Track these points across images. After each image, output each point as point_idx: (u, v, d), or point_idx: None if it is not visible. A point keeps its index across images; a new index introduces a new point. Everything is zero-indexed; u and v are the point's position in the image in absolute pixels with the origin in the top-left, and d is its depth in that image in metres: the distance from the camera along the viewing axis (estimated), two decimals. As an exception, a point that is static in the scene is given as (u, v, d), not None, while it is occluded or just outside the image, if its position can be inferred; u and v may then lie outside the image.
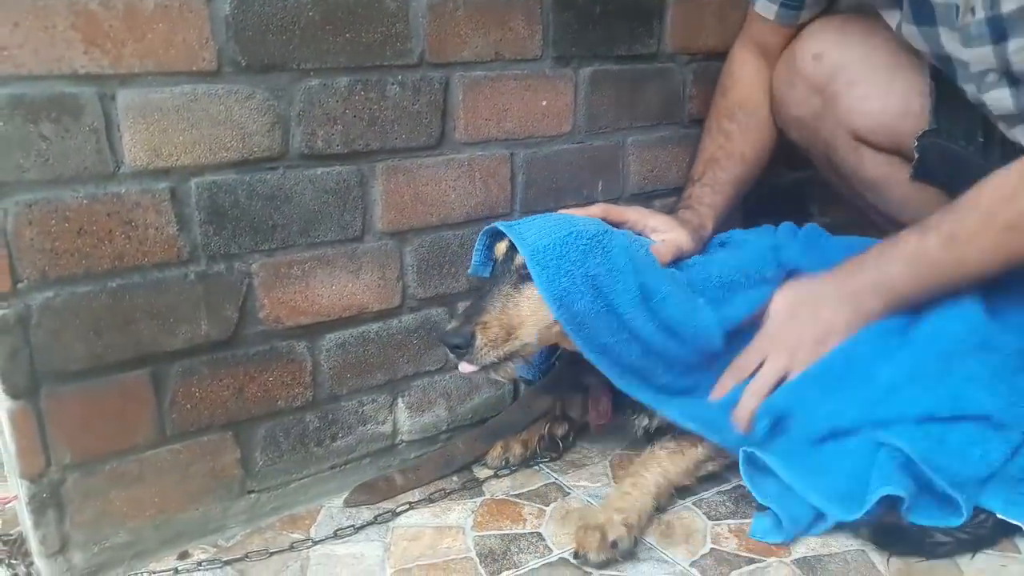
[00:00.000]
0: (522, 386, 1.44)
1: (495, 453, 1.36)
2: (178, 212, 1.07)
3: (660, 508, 1.20)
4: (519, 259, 1.18)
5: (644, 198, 1.52)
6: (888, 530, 1.13)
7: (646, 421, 1.34)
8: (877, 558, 1.11)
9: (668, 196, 1.56)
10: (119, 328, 1.05)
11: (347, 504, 1.27)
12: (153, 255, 1.06)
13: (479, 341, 1.14)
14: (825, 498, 1.14)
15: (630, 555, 1.12)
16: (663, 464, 1.22)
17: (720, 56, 1.54)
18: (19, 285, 0.98)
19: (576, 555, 1.10)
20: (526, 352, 1.20)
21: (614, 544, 1.09)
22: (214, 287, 1.11)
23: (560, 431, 1.41)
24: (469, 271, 1.31)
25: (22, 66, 0.94)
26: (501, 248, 1.24)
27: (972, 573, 1.09)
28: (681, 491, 1.25)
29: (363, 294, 1.25)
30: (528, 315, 1.18)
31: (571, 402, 1.41)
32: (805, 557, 1.12)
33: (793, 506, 1.16)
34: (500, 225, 1.21)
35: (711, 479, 1.30)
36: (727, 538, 1.17)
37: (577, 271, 1.15)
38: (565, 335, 1.20)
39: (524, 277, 1.18)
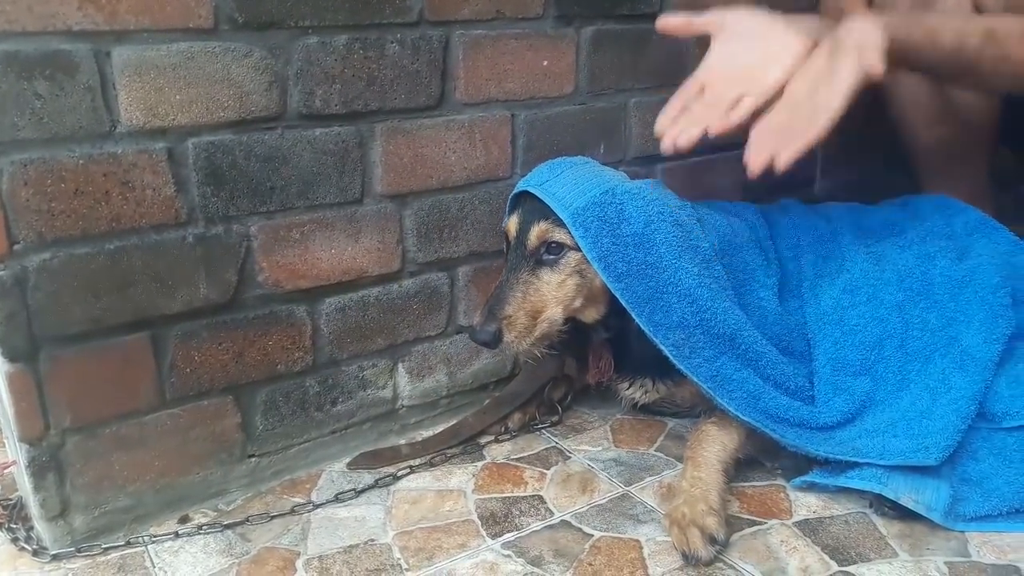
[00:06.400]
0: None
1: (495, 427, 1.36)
2: (175, 173, 1.05)
3: (730, 480, 1.17)
4: (532, 242, 1.19)
5: (647, 161, 1.51)
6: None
7: (636, 394, 1.34)
8: (878, 520, 1.11)
9: (672, 160, 1.53)
10: (118, 290, 1.04)
11: (350, 467, 1.27)
12: (151, 216, 1.05)
13: (507, 337, 1.16)
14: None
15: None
16: (720, 439, 1.19)
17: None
18: (16, 247, 0.97)
19: (685, 556, 1.04)
20: (554, 330, 1.21)
21: (712, 539, 1.05)
22: (213, 249, 1.10)
23: (557, 394, 1.41)
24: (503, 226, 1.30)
25: (15, 22, 0.91)
26: (512, 228, 1.22)
27: (973, 535, 1.09)
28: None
29: (363, 258, 1.23)
30: (551, 297, 1.19)
31: (570, 362, 1.40)
32: (807, 519, 1.13)
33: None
34: (531, 187, 1.20)
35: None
36: (728, 500, 1.16)
37: (617, 230, 1.15)
38: (588, 304, 1.22)
39: (540, 262, 1.19)
